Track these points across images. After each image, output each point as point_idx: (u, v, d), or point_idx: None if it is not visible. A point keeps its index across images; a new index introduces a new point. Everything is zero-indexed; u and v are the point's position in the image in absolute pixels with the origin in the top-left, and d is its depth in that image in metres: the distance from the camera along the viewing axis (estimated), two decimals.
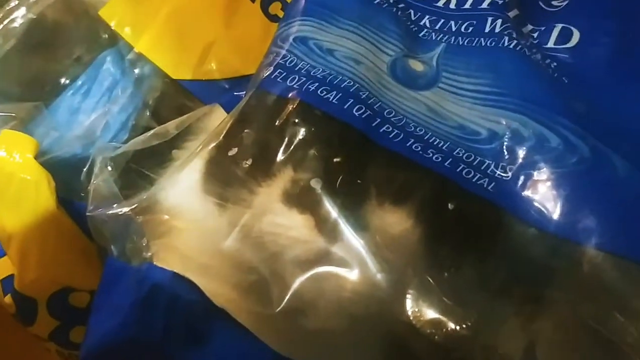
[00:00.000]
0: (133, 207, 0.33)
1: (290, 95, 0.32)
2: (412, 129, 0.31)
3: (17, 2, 0.39)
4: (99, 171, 0.35)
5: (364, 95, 0.31)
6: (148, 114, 0.42)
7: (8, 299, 0.35)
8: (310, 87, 0.32)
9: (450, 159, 0.29)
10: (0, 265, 0.36)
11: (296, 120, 0.31)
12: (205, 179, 0.32)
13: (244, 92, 0.39)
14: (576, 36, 0.36)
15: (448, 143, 0.30)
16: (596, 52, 0.35)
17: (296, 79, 0.32)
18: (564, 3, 0.38)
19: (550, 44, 0.36)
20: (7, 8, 0.39)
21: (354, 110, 0.31)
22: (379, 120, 0.30)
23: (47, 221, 0.33)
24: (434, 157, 0.29)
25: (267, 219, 0.29)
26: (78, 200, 0.36)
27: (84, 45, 0.43)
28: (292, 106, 0.31)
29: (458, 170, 0.29)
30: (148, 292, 0.27)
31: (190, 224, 0.32)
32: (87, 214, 0.33)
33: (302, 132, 0.30)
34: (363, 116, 0.30)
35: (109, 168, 0.35)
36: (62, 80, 0.43)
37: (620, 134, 0.31)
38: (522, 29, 0.37)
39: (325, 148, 0.29)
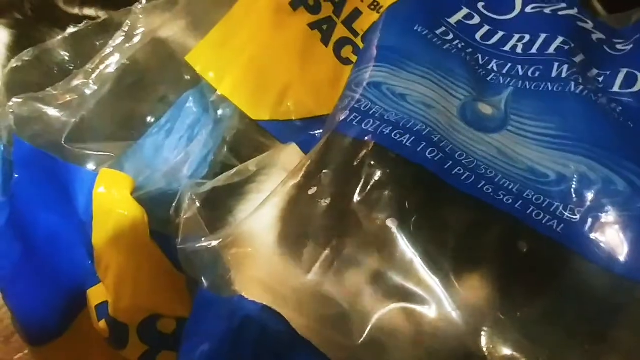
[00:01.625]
0: (220, 241, 0.35)
1: (365, 138, 0.34)
2: (483, 171, 0.32)
3: (112, 49, 0.42)
4: (187, 206, 0.37)
5: (436, 139, 0.33)
6: (226, 150, 0.45)
7: (102, 324, 0.38)
8: (384, 130, 0.34)
9: (521, 201, 0.31)
10: (96, 292, 0.39)
11: (372, 162, 0.33)
12: (286, 216, 0.34)
13: (318, 132, 0.42)
14: None
15: (518, 185, 0.32)
16: None
17: (371, 123, 0.34)
18: (629, 47, 0.40)
19: (616, 88, 0.37)
20: (103, 55, 0.42)
21: (427, 152, 0.32)
22: (450, 162, 0.32)
23: (141, 253, 0.36)
24: (505, 199, 0.31)
25: (345, 255, 0.31)
26: (167, 233, 0.39)
27: (169, 86, 0.46)
28: (367, 149, 0.33)
29: (528, 212, 0.30)
30: (240, 323, 0.29)
31: (274, 258, 0.34)
32: (178, 246, 0.36)
33: (377, 174, 0.32)
34: (436, 159, 0.32)
35: (197, 203, 0.38)
36: (149, 119, 0.46)
37: None
38: (587, 73, 0.38)
39: (400, 189, 0.31)
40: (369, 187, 0.32)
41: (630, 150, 0.33)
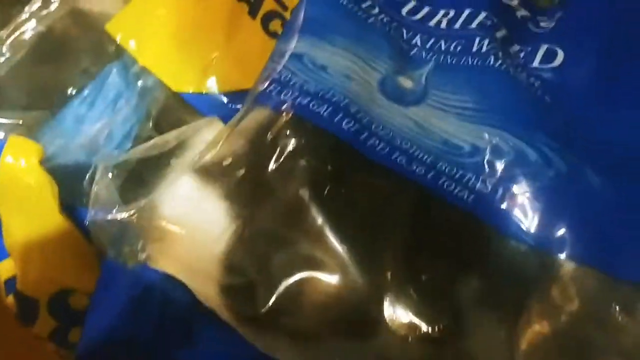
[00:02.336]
0: (131, 212, 0.34)
1: (282, 107, 0.33)
2: (399, 142, 0.32)
3: (27, 15, 0.41)
4: (100, 178, 0.36)
5: (353, 110, 0.33)
6: (150, 125, 0.44)
7: (10, 298, 0.36)
8: (302, 101, 0.33)
9: (433, 172, 0.31)
10: (4, 266, 0.37)
11: (287, 132, 0.32)
12: (201, 187, 0.34)
13: (241, 105, 0.41)
14: (560, 56, 0.37)
15: (432, 157, 0.32)
16: (579, 72, 0.37)
17: (290, 93, 0.34)
18: (552, 25, 0.40)
19: (536, 64, 0.37)
20: (18, 21, 0.41)
21: (344, 123, 0.32)
22: (366, 133, 0.32)
23: (49, 225, 0.35)
24: (417, 170, 0.31)
25: (256, 224, 0.30)
26: (80, 206, 0.38)
27: (91, 58, 0.45)
28: (284, 119, 0.33)
29: (440, 182, 0.30)
30: (141, 292, 0.29)
31: (185, 230, 0.33)
32: (88, 218, 0.35)
33: (292, 144, 0.32)
34: (352, 129, 0.32)
35: (110, 175, 0.37)
36: (69, 91, 0.44)
37: (597, 151, 0.32)
38: (509, 49, 0.38)
39: (314, 159, 0.31)
40: (283, 157, 0.31)
41: (544, 122, 0.33)
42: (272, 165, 0.32)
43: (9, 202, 0.36)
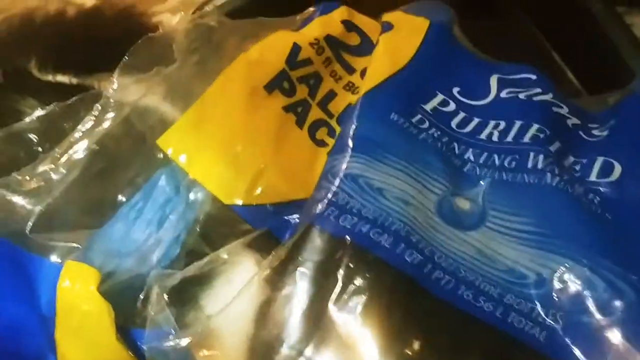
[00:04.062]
0: (188, 340, 0.34)
1: (343, 236, 0.33)
2: (463, 273, 0.32)
3: (81, 134, 0.41)
4: (155, 301, 0.36)
5: (414, 239, 0.32)
6: (198, 233, 0.44)
7: None
8: (362, 228, 0.33)
9: (502, 308, 0.30)
10: None
11: (350, 264, 0.32)
12: (258, 316, 0.33)
13: (291, 217, 0.41)
14: (618, 169, 0.37)
15: (498, 289, 0.31)
16: (638, 186, 0.36)
17: (348, 219, 0.34)
18: (604, 133, 0.40)
19: (593, 177, 0.37)
20: (72, 139, 0.41)
21: (406, 255, 0.32)
22: (430, 266, 0.32)
23: (106, 352, 0.35)
24: (485, 306, 0.30)
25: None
26: (134, 327, 0.37)
27: (140, 167, 0.45)
28: (345, 248, 0.33)
29: (509, 320, 0.30)
30: None
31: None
32: (145, 344, 0.35)
33: (355, 277, 0.31)
34: (415, 262, 0.31)
35: (165, 297, 0.37)
36: (118, 201, 0.45)
37: None
38: (563, 162, 0.38)
39: (378, 295, 0.31)
40: (346, 293, 0.31)
41: (608, 246, 0.33)
42: (333, 300, 0.31)
43: (66, 327, 0.36)
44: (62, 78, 0.57)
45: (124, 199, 0.44)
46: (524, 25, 0.61)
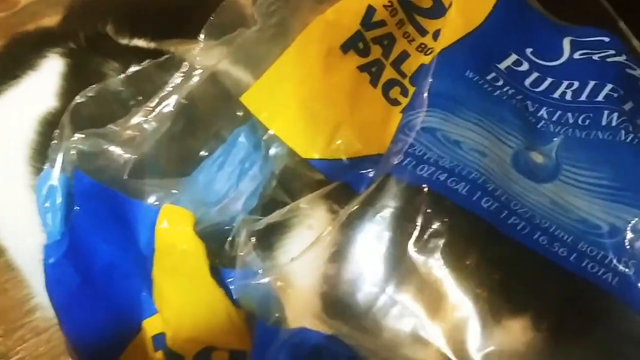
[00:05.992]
0: (274, 277, 0.36)
1: (421, 184, 0.35)
2: (538, 221, 0.33)
3: (171, 89, 0.44)
4: (243, 243, 0.39)
5: (490, 188, 0.34)
6: (275, 185, 0.46)
7: (160, 354, 0.39)
8: (440, 177, 0.35)
9: (576, 254, 0.32)
10: (152, 323, 0.40)
11: (428, 210, 0.34)
12: (338, 258, 0.36)
13: (366, 171, 0.43)
14: None
15: (572, 237, 0.32)
16: None
17: (425, 168, 0.35)
18: None
19: None
20: (162, 94, 0.44)
21: (482, 202, 0.33)
22: (506, 212, 0.33)
23: (201, 288, 0.38)
24: (559, 251, 0.32)
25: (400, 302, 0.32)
26: (222, 267, 0.40)
27: (223, 122, 0.48)
28: (423, 195, 0.34)
29: (583, 264, 0.31)
30: (309, 354, 0.31)
31: (326, 298, 0.35)
32: (234, 282, 0.37)
33: (434, 222, 0.33)
34: (491, 208, 0.33)
35: (253, 240, 0.39)
36: (202, 153, 0.47)
37: None
38: (637, 120, 0.39)
39: (456, 239, 0.32)
40: (425, 236, 0.33)
41: None
42: (413, 244, 0.33)
43: (164, 266, 0.39)
44: (138, 42, 0.60)
45: (207, 151, 0.47)
46: None
